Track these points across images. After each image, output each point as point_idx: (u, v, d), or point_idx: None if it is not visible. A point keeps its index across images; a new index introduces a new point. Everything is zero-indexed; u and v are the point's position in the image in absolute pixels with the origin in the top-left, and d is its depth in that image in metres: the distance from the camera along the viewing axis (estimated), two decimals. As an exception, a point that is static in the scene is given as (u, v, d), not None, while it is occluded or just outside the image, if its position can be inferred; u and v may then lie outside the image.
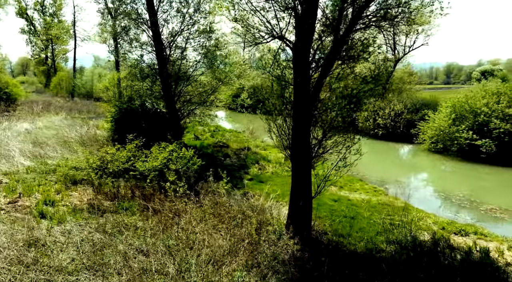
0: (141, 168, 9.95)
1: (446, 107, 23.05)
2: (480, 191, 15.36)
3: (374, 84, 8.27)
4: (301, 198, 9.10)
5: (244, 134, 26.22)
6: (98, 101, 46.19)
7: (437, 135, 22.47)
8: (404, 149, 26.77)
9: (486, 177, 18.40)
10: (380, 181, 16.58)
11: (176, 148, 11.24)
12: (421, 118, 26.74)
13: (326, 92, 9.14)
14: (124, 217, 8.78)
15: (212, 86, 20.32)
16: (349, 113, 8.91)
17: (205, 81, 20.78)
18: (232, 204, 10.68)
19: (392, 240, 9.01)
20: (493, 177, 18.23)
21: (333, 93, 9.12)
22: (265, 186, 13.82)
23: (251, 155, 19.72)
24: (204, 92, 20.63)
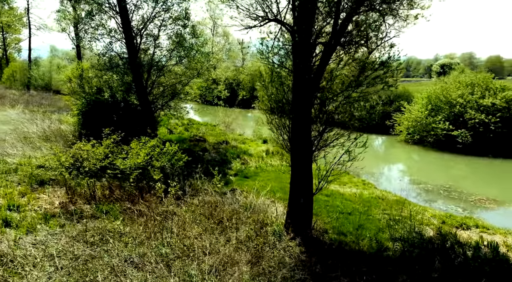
0: (122, 165, 8.84)
1: (422, 98, 23.21)
2: (464, 181, 15.44)
3: (383, 71, 7.64)
4: (302, 195, 8.42)
5: (220, 128, 25.23)
6: (58, 94, 43.31)
7: (413, 126, 22.60)
8: (379, 140, 26.89)
9: (465, 168, 18.67)
10: (364, 173, 16.26)
11: (158, 143, 10.19)
12: (395, 110, 26.91)
13: (328, 80, 8.46)
14: (106, 222, 7.69)
15: (187, 77, 19.15)
16: (353, 104, 8.32)
17: (180, 72, 19.56)
18: (223, 203, 9.84)
19: (397, 237, 8.54)
20: (472, 167, 18.49)
21: (335, 81, 8.47)
22: (251, 182, 13.05)
23: (231, 149, 18.84)
24: (178, 83, 19.44)
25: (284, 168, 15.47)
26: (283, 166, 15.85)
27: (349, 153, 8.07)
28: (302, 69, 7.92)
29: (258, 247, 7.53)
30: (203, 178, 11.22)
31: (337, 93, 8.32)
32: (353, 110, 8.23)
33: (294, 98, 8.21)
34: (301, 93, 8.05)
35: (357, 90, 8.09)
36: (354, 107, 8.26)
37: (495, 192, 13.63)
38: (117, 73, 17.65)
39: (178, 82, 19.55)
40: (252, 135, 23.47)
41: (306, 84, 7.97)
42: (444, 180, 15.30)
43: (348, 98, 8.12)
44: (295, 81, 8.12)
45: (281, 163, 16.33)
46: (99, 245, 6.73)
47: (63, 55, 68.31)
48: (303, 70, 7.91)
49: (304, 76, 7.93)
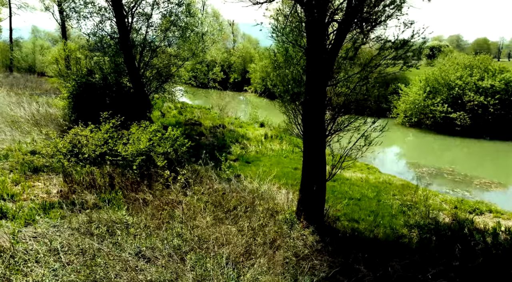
0: (124, 152, 8.31)
1: (420, 80, 22.95)
2: (466, 164, 15.35)
3: (404, 50, 7.21)
4: (315, 182, 8.06)
5: (214, 111, 24.63)
6: (43, 76, 41.83)
7: (411, 109, 22.40)
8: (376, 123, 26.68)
9: (465, 150, 18.61)
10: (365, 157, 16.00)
11: (159, 127, 9.66)
12: (392, 93, 26.67)
13: (343, 60, 8.01)
14: (110, 212, 7.22)
15: (182, 58, 18.41)
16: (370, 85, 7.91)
17: (174, 53, 18.79)
18: (230, 191, 9.46)
19: (412, 223, 8.31)
20: (472, 150, 18.44)
21: (349, 62, 8.03)
22: (254, 168, 12.68)
23: (228, 133, 18.36)
24: (173, 65, 18.69)
25: (285, 152, 15.12)
26: (283, 150, 15.50)
27: (366, 137, 7.68)
28: (316, 48, 7.44)
29: (272, 236, 7.21)
30: (207, 163, 10.76)
31: (352, 74, 7.90)
32: (370, 92, 7.80)
33: (308, 79, 7.75)
34: (315, 74, 7.59)
35: (375, 70, 7.67)
36: (370, 88, 7.83)
37: (498, 175, 13.55)
38: (109, 55, 16.79)
39: (172, 64, 18.80)
40: (248, 118, 22.97)
41: (320, 64, 7.50)
42: (446, 163, 15.18)
43: (365, 80, 7.69)
44: (309, 62, 7.65)
45: (281, 147, 15.96)
46: (105, 238, 6.28)
47: (46, 36, 65.93)
48: (318, 49, 7.43)
49: (319, 55, 7.45)
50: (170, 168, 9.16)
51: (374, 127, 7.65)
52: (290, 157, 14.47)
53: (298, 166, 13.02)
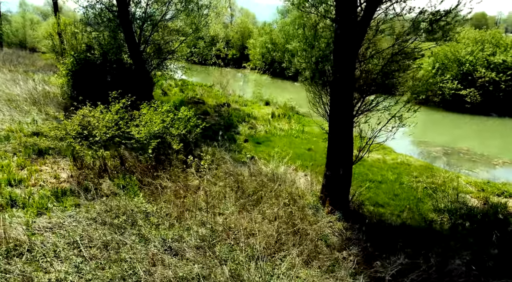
0: (137, 134, 7.78)
1: (428, 56, 22.32)
2: (480, 142, 15.02)
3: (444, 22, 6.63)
4: (341, 165, 7.64)
5: (216, 89, 23.91)
6: (34, 52, 40.38)
7: (419, 86, 21.81)
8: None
9: (476, 128, 18.27)
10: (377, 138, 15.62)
11: (171, 108, 9.11)
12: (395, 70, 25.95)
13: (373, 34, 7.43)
14: (126, 199, 6.77)
15: (184, 33, 17.55)
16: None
17: (177, 27, 17.89)
18: (249, 175, 9.04)
19: (441, 208, 7.98)
20: (483, 127, 18.12)
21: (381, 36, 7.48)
22: (265, 148, 12.23)
23: (233, 112, 17.79)
24: (175, 40, 17.84)
25: (295, 132, 14.66)
26: (293, 130, 15.02)
27: (399, 118, 7.19)
28: (346, 18, 6.84)
29: (299, 224, 6.84)
30: (221, 145, 10.30)
31: (383, 49, 7.35)
32: (403, 68, 7.26)
33: (337, 55, 7.18)
34: (344, 49, 7.02)
35: (409, 45, 7.13)
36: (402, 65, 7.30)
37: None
38: (108, 29, 15.90)
39: (174, 39, 17.94)
40: (252, 97, 22.33)
41: (350, 37, 6.92)
42: (459, 141, 14.86)
43: (397, 55, 7.15)
44: (339, 34, 7.04)
45: (290, 127, 15.49)
46: (126, 228, 5.85)
47: (34, 11, 63.68)
48: (348, 20, 6.83)
49: (349, 27, 6.85)
50: (186, 150, 8.69)
51: (409, 108, 7.12)
52: (301, 137, 14.02)
53: (312, 147, 12.61)
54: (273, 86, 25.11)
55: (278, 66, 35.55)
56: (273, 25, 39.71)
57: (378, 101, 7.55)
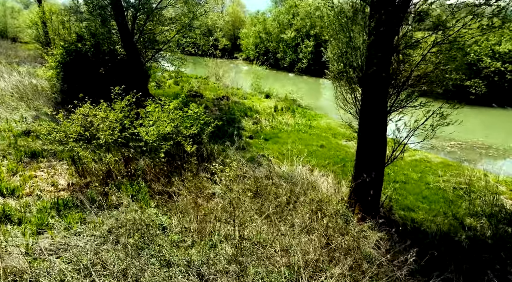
0: (147, 136, 6.93)
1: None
2: (491, 135, 14.55)
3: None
4: (373, 168, 6.96)
5: (212, 81, 22.95)
6: (15, 42, 38.50)
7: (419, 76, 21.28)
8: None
9: (480, 118, 17.84)
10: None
11: (180, 105, 8.26)
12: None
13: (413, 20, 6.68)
14: (138, 212, 5.96)
15: (182, 22, 16.53)
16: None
17: (173, 16, 16.87)
18: (261, 176, 8.31)
19: (476, 211, 7.40)
20: (486, 118, 17.71)
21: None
22: (274, 145, 11.48)
23: (234, 105, 16.94)
24: (171, 30, 16.83)
25: (302, 127, 13.92)
26: (299, 124, 14.28)
27: (440, 115, 6.50)
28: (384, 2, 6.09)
29: (333, 236, 6.15)
30: (232, 143, 9.51)
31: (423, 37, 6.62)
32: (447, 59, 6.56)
33: (372, 45, 6.42)
34: (381, 38, 6.27)
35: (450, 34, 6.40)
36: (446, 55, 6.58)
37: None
38: (101, 18, 14.79)
39: (170, 29, 16.93)
40: (251, 89, 21.46)
41: (388, 25, 6.17)
42: (469, 134, 14.35)
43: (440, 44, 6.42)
44: (377, 21, 6.27)
45: (296, 121, 14.74)
46: (143, 248, 5.07)
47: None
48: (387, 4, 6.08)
49: (387, 13, 6.09)
50: (198, 153, 7.89)
51: (453, 104, 6.43)
52: (309, 132, 13.30)
53: (323, 143, 11.92)
54: (268, 77, 24.27)
55: (272, 56, 34.70)
56: (266, 13, 38.67)
57: (412, 97, 6.82)
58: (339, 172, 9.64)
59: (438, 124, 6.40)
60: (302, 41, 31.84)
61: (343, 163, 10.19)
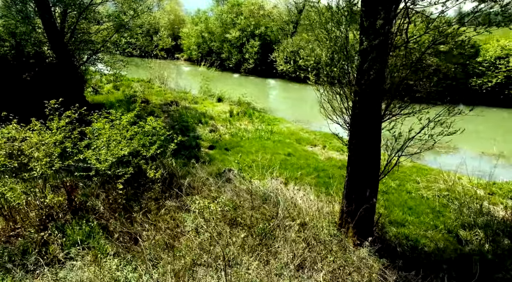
0: (99, 164, 5.45)
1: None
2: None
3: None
4: (367, 184, 6.19)
5: (157, 85, 21.17)
6: None
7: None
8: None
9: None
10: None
11: (133, 118, 6.87)
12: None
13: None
14: (91, 265, 4.55)
15: (121, 20, 14.73)
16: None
17: (110, 13, 15.00)
18: (232, 195, 7.24)
19: (468, 222, 6.97)
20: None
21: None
22: (237, 156, 10.39)
23: (185, 111, 15.52)
24: (109, 28, 14.94)
25: (264, 133, 12.98)
26: (260, 130, 13.33)
27: (439, 122, 5.84)
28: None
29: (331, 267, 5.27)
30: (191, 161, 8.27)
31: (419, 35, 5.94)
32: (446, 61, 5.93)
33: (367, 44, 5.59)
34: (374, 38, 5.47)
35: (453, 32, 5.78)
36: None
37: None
38: (22, 14, 12.57)
39: (107, 28, 15.04)
40: (199, 92, 20.06)
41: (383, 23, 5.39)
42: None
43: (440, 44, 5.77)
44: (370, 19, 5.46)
45: (256, 127, 13.77)
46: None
47: None
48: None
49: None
50: (161, 177, 6.55)
51: (450, 111, 5.78)
52: (272, 138, 12.39)
53: (291, 151, 11.08)
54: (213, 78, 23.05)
55: (216, 57, 33.39)
56: (208, 12, 37.18)
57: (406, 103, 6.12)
58: (313, 183, 8.83)
59: (442, 133, 5.70)
60: (247, 41, 30.95)
61: (316, 173, 9.40)
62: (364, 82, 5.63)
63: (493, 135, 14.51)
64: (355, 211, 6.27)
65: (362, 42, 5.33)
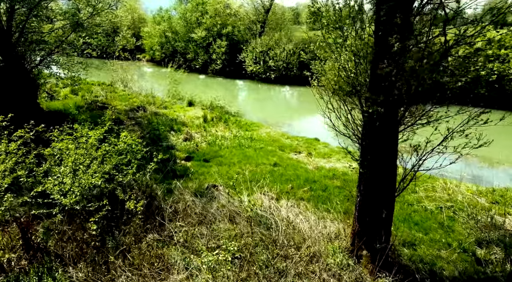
0: (64, 198, 4.30)
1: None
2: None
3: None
4: (383, 204, 5.45)
5: (122, 88, 19.60)
6: None
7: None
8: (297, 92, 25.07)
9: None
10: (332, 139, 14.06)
11: (103, 134, 5.72)
12: (313, 58, 25.19)
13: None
14: None
15: (79, 18, 13.22)
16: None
17: (63, 11, 13.45)
18: (222, 217, 6.29)
19: (482, 238, 6.44)
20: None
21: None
22: (219, 168, 9.47)
23: (154, 118, 14.26)
24: (64, 27, 13.38)
25: (244, 140, 12.04)
26: (239, 137, 12.38)
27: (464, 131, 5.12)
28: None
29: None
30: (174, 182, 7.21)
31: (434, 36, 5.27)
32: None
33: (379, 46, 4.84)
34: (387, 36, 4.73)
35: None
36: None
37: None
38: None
39: (63, 27, 13.47)
40: (167, 95, 18.74)
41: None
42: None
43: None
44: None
45: (234, 134, 12.80)
46: None
47: None
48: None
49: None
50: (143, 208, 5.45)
51: (477, 118, 5.03)
52: (253, 146, 11.49)
53: (276, 161, 10.24)
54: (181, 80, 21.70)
55: (181, 57, 31.94)
56: (171, 11, 35.57)
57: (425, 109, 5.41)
58: (307, 197, 8.05)
59: (468, 144, 5.02)
60: (214, 41, 29.80)
61: (308, 185, 8.61)
62: (379, 89, 4.87)
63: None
64: (370, 235, 5.52)
65: (387, 43, 4.54)
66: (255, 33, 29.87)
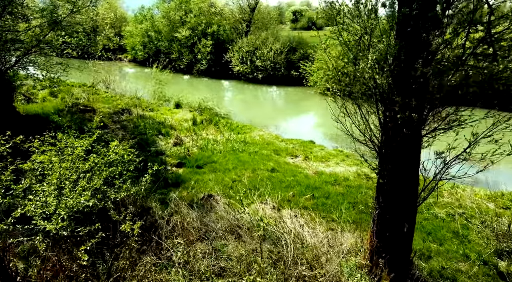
0: (47, 223, 3.66)
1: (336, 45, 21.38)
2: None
3: None
4: (405, 217, 5.00)
5: (104, 90, 18.72)
6: None
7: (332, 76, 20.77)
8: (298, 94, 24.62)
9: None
10: (329, 141, 13.65)
11: (90, 143, 5.08)
12: (300, 58, 24.87)
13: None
14: None
15: (58, 16, 12.39)
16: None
17: (42, 8, 12.58)
18: (223, 231, 5.73)
19: (502, 249, 6.08)
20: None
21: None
22: (213, 175, 8.92)
23: (141, 121, 13.53)
24: (43, 25, 12.52)
25: (237, 144, 11.47)
26: (232, 141, 11.80)
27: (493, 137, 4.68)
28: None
29: None
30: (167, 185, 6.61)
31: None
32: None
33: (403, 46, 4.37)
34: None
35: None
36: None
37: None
38: None
39: (41, 25, 12.60)
40: (152, 97, 17.96)
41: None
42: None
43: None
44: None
45: (226, 137, 12.21)
46: None
47: None
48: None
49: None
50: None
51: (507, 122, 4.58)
52: (247, 150, 10.93)
53: (273, 166, 9.72)
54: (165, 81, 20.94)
55: (165, 57, 31.03)
56: (154, 10, 34.59)
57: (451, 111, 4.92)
58: (310, 205, 7.56)
59: (496, 151, 4.60)
60: (199, 41, 29.05)
61: (310, 192, 8.12)
62: (410, 92, 4.40)
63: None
64: (391, 252, 5.05)
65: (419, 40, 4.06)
66: (241, 33, 29.31)
